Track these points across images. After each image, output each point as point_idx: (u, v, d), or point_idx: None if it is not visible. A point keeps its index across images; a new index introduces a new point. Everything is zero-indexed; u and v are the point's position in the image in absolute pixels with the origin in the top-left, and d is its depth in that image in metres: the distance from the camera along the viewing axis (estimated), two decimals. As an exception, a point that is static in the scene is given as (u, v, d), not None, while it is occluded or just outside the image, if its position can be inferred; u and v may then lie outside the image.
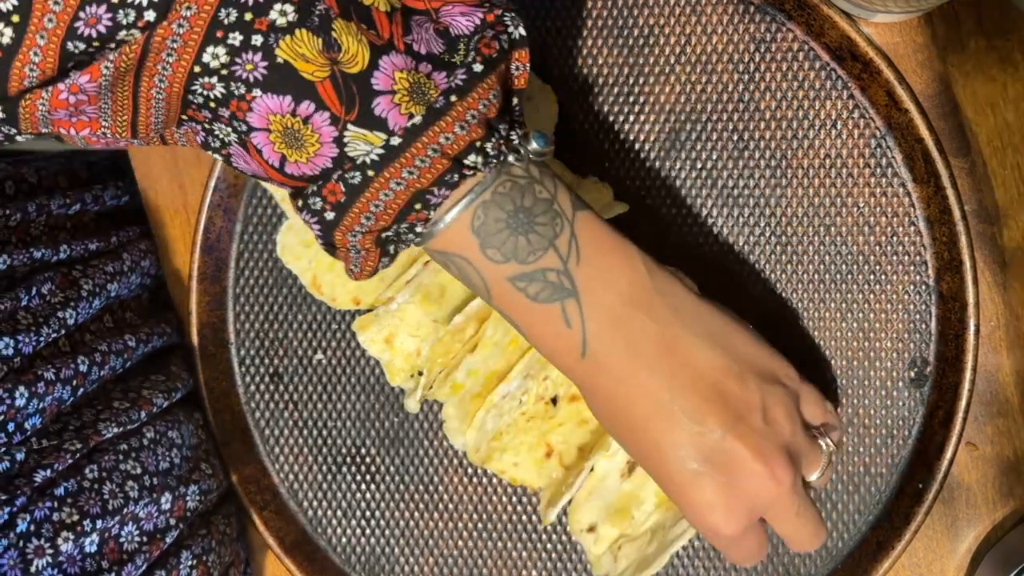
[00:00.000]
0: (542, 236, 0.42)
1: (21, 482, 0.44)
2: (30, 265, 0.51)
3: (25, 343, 0.46)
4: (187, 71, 0.38)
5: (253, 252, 0.58)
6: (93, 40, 0.36)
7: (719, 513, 0.44)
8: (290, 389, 0.58)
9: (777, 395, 0.45)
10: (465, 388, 0.54)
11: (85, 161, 0.64)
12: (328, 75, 0.38)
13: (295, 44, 0.38)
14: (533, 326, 0.44)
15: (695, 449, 0.44)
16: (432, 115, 0.40)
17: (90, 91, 0.38)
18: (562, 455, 0.55)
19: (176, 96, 0.39)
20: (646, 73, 0.55)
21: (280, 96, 0.39)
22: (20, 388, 0.45)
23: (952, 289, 0.54)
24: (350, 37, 0.38)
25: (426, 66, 0.40)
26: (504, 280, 0.43)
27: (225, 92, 0.39)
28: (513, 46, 0.42)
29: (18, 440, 0.45)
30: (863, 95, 0.54)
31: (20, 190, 0.57)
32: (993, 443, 0.55)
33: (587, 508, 0.55)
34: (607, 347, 0.43)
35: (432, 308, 0.54)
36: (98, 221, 0.59)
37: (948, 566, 0.56)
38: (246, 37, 0.37)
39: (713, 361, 0.44)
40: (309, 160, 0.40)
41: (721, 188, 0.55)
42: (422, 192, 0.41)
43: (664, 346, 0.44)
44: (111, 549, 0.48)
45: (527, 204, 0.42)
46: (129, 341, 0.53)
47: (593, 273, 0.43)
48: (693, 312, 0.45)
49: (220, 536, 0.55)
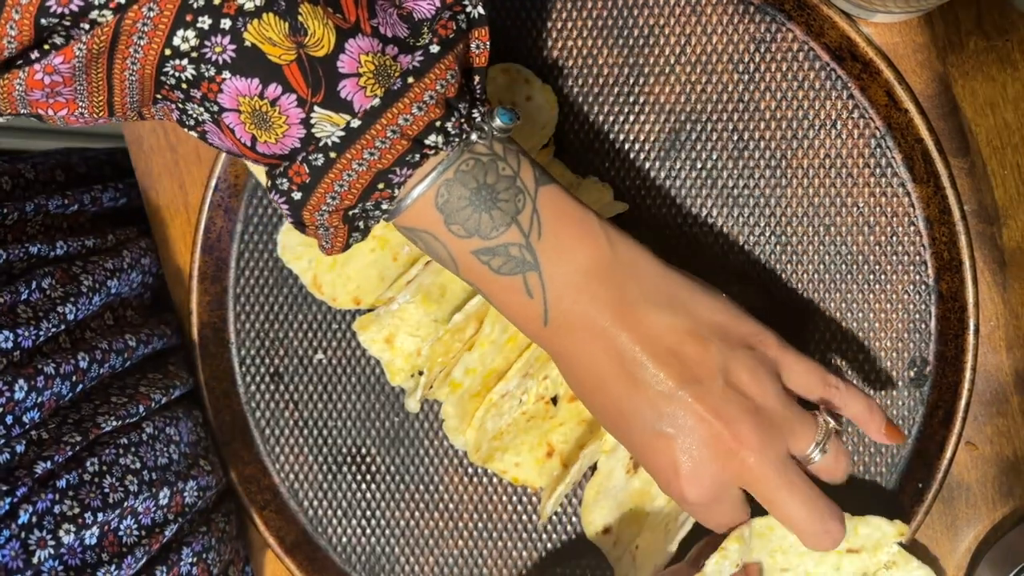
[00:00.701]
0: (504, 212, 0.43)
1: (22, 473, 0.45)
2: (27, 260, 0.51)
3: (24, 337, 0.47)
4: (158, 53, 0.39)
5: (253, 252, 0.58)
6: (66, 17, 0.37)
7: (681, 476, 0.44)
8: (290, 389, 0.58)
9: (743, 358, 0.45)
10: (463, 387, 0.54)
11: (83, 156, 0.64)
12: (295, 58, 0.39)
13: (262, 28, 0.39)
14: (498, 296, 0.45)
15: (654, 411, 0.44)
16: (390, 97, 0.41)
17: (64, 72, 0.39)
18: (563, 454, 0.55)
19: (149, 77, 0.40)
20: (646, 73, 0.55)
21: (248, 79, 0.40)
22: (19, 381, 0.45)
23: (952, 289, 0.54)
24: (316, 21, 0.39)
25: (392, 48, 0.41)
26: (469, 253, 0.44)
27: (196, 74, 0.40)
28: (472, 25, 0.43)
29: (17, 433, 0.45)
30: (863, 95, 0.54)
31: (17, 185, 0.57)
32: (993, 443, 0.55)
33: (599, 509, 0.55)
34: (566, 315, 0.44)
35: (432, 308, 0.55)
36: (95, 221, 0.59)
37: (948, 565, 0.56)
38: (215, 21, 0.38)
39: (672, 325, 0.44)
40: (278, 140, 0.41)
41: (721, 188, 0.55)
42: (384, 172, 0.42)
43: (621, 312, 0.44)
44: (111, 542, 0.48)
45: (490, 181, 0.43)
46: (130, 341, 0.53)
47: (554, 246, 0.44)
48: (655, 279, 0.45)
49: (220, 534, 0.55)
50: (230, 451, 0.58)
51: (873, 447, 0.55)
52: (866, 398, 0.48)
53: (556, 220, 0.44)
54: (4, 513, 0.43)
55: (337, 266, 0.56)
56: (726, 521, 0.47)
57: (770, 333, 0.46)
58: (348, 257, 0.56)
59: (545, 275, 0.44)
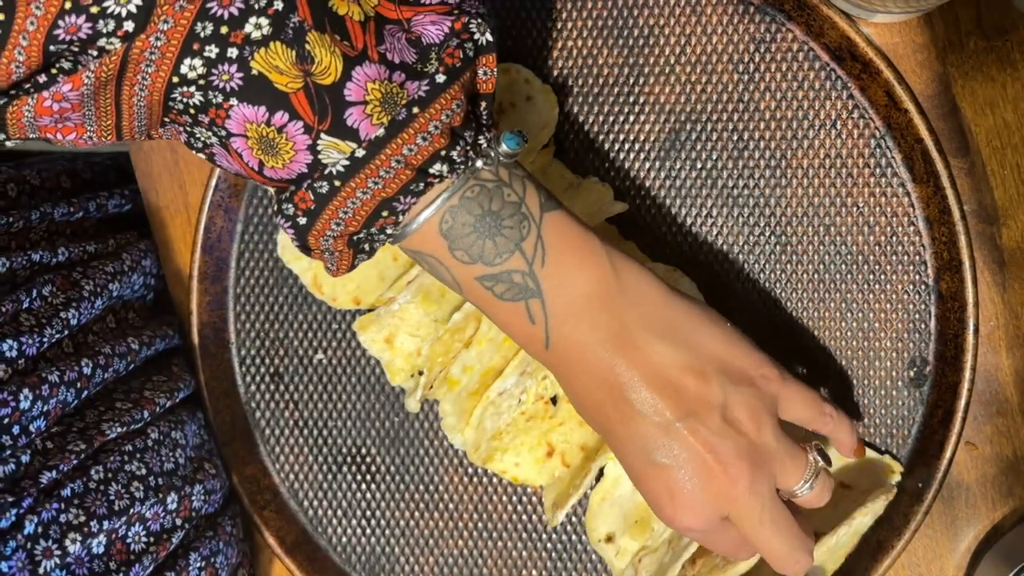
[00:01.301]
0: (508, 239, 0.43)
1: (27, 484, 0.44)
2: (29, 268, 0.51)
3: (28, 344, 0.47)
4: (166, 81, 0.39)
5: (254, 252, 0.58)
6: (74, 44, 0.37)
7: (674, 504, 0.45)
8: (290, 389, 0.58)
9: (743, 395, 0.45)
10: (461, 385, 0.54)
11: (88, 161, 0.64)
12: (301, 86, 0.39)
13: (269, 56, 0.39)
14: (500, 318, 0.46)
15: (650, 441, 0.44)
16: (394, 127, 0.41)
17: (73, 99, 0.39)
18: (564, 454, 0.55)
19: (157, 103, 0.40)
20: (646, 73, 0.55)
21: (255, 107, 0.40)
22: (24, 391, 0.45)
23: (951, 289, 0.54)
24: (323, 49, 0.39)
25: (399, 75, 0.41)
26: (473, 279, 0.44)
27: (204, 100, 0.40)
28: (479, 52, 0.43)
29: (23, 443, 0.45)
30: (863, 95, 0.54)
31: (23, 192, 0.57)
32: (992, 443, 0.55)
33: (603, 516, 0.54)
34: (567, 341, 0.45)
35: (433, 308, 0.55)
36: (97, 226, 0.59)
37: (948, 565, 0.56)
38: (222, 50, 0.38)
39: (672, 357, 0.44)
40: (285, 166, 0.41)
41: (721, 188, 0.55)
42: (388, 200, 0.42)
43: (621, 341, 0.44)
44: (118, 550, 0.48)
45: (495, 208, 0.43)
46: (132, 344, 0.53)
47: (557, 273, 0.44)
48: (658, 309, 0.45)
49: (227, 537, 0.55)
50: (230, 451, 0.58)
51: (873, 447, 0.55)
52: (853, 428, 0.49)
53: (560, 247, 0.44)
54: (10, 524, 0.43)
55: (337, 266, 0.56)
56: (730, 550, 0.47)
57: (772, 366, 0.46)
58: (348, 257, 0.56)
59: (548, 302, 0.44)
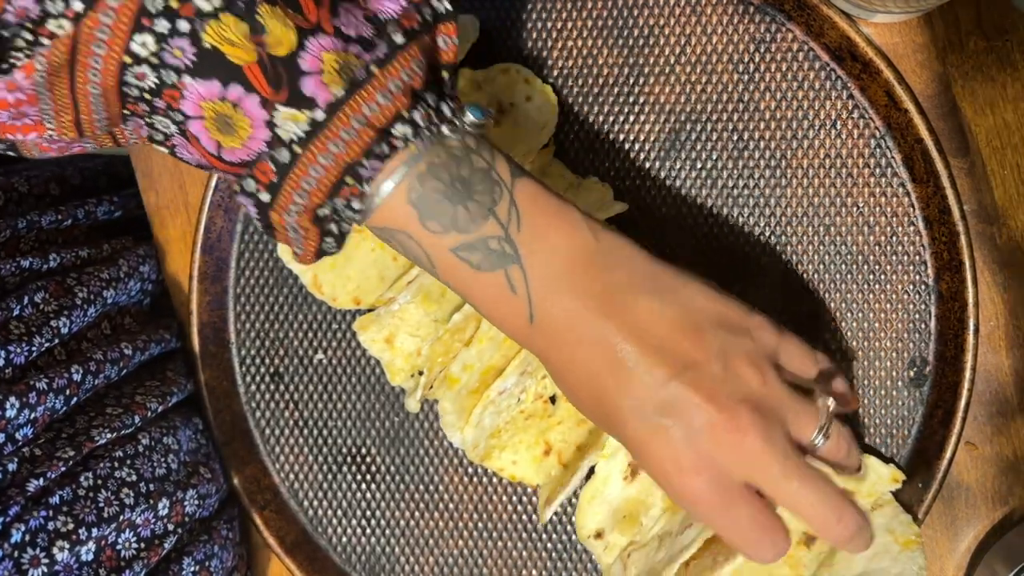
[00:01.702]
0: (481, 204, 0.42)
1: (14, 492, 0.44)
2: (19, 275, 0.50)
3: (16, 353, 0.46)
4: (119, 62, 0.39)
5: (254, 252, 0.58)
6: (24, 26, 0.37)
7: (683, 470, 0.42)
8: (290, 389, 0.58)
9: (740, 344, 0.43)
10: (461, 383, 0.54)
11: (79, 167, 0.63)
12: (255, 59, 0.39)
13: (221, 29, 0.39)
14: (480, 295, 0.44)
15: (649, 402, 0.42)
16: (353, 87, 0.40)
17: (27, 89, 0.39)
18: (561, 453, 0.55)
19: (112, 89, 0.40)
20: (646, 73, 0.55)
21: (209, 81, 0.39)
22: (11, 399, 0.45)
23: (952, 289, 0.54)
24: (275, 20, 0.39)
25: (355, 47, 0.40)
26: (447, 252, 0.43)
27: (158, 82, 0.39)
28: (438, 19, 0.42)
29: (9, 451, 0.45)
30: (863, 95, 0.54)
31: (11, 199, 0.56)
32: (992, 443, 0.55)
33: (592, 513, 0.54)
34: (553, 309, 0.43)
35: (433, 308, 0.55)
36: (89, 233, 0.59)
37: (948, 565, 0.56)
38: (172, 24, 0.38)
39: (662, 313, 0.43)
40: (243, 144, 0.41)
41: (721, 188, 0.55)
42: (352, 165, 0.41)
43: (609, 303, 0.43)
44: (108, 557, 0.47)
45: (464, 174, 0.42)
46: (125, 349, 0.53)
47: (534, 237, 0.43)
48: (642, 269, 0.44)
49: (223, 541, 0.55)
50: (230, 451, 0.58)
51: (873, 447, 0.55)
52: (847, 380, 0.48)
53: (535, 211, 0.43)
54: None
55: (337, 266, 0.56)
56: (748, 534, 0.43)
57: (765, 318, 0.45)
58: (348, 257, 0.56)
59: (527, 267, 0.43)
